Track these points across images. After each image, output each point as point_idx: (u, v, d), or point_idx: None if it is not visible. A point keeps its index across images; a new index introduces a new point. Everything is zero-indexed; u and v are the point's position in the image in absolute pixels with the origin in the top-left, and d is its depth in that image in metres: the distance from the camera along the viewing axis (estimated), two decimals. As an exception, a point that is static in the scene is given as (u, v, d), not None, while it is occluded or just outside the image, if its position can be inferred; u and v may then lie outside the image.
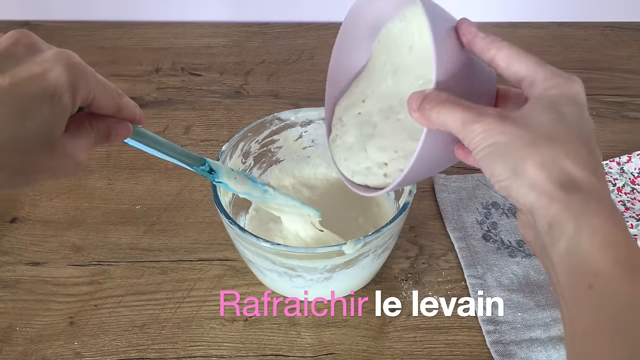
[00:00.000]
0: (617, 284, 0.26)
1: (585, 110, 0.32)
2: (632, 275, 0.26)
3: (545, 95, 0.31)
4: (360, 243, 0.42)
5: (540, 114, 0.31)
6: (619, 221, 0.28)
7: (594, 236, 0.27)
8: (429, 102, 0.33)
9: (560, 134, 0.30)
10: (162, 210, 0.59)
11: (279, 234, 0.52)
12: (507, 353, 0.47)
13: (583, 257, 0.27)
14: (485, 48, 0.34)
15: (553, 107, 0.31)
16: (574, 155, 0.29)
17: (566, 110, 0.31)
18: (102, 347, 0.48)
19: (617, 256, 0.27)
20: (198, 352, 0.48)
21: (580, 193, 0.28)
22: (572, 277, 0.28)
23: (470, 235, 0.56)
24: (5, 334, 0.49)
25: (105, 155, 0.65)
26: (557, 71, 0.32)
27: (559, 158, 0.29)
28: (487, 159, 0.31)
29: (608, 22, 0.87)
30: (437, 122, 0.32)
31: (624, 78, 0.77)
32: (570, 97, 0.31)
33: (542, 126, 0.30)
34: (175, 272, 0.54)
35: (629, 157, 0.62)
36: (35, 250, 0.56)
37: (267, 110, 0.71)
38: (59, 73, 0.28)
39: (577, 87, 0.32)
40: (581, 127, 0.31)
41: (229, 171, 0.44)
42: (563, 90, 0.31)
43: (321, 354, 0.48)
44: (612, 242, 0.27)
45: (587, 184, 0.28)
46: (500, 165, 0.30)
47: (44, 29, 0.85)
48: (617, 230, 0.27)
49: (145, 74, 0.78)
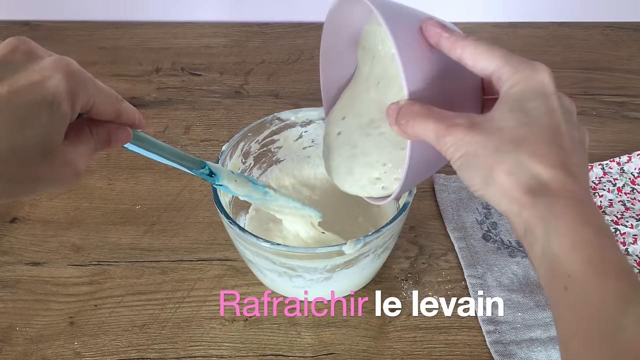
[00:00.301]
0: (589, 283, 0.26)
1: (552, 99, 0.31)
2: (603, 273, 0.26)
3: (510, 94, 0.31)
4: (360, 243, 0.42)
5: (506, 116, 0.30)
6: (589, 217, 0.28)
7: (563, 237, 0.27)
8: (402, 116, 0.33)
9: (524, 134, 0.29)
10: (162, 210, 0.59)
11: (279, 234, 0.52)
12: (507, 353, 0.47)
13: (556, 259, 0.27)
14: (451, 48, 0.33)
15: (518, 105, 0.31)
16: (540, 155, 0.29)
17: (531, 105, 0.30)
18: (102, 347, 0.48)
19: (587, 255, 0.27)
20: (198, 352, 0.48)
21: (547, 196, 0.28)
22: (549, 280, 0.28)
23: (470, 235, 0.56)
24: (5, 334, 0.49)
25: (105, 155, 0.65)
26: (522, 63, 0.32)
27: (525, 161, 0.29)
28: (461, 170, 0.31)
29: (608, 22, 0.87)
30: (413, 135, 0.33)
31: (624, 78, 0.77)
32: (535, 89, 0.31)
33: (507, 130, 0.30)
34: (175, 272, 0.54)
35: (629, 157, 0.62)
36: (35, 250, 0.56)
37: (267, 110, 0.71)
38: (58, 81, 0.28)
39: (542, 76, 0.31)
40: (548, 121, 0.30)
41: (229, 174, 0.44)
42: (528, 84, 0.31)
43: (321, 354, 0.48)
44: (581, 242, 0.27)
45: (556, 183, 0.28)
46: (473, 175, 0.31)
47: (44, 29, 0.85)
48: (586, 228, 0.27)
49: (145, 74, 0.78)
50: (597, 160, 0.62)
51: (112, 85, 0.81)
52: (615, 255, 0.27)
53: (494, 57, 0.32)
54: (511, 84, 0.31)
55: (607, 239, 0.27)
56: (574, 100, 0.34)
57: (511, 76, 0.31)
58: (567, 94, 0.33)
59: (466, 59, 0.33)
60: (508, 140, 0.29)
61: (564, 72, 0.77)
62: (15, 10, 0.86)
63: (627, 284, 0.26)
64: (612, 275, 0.26)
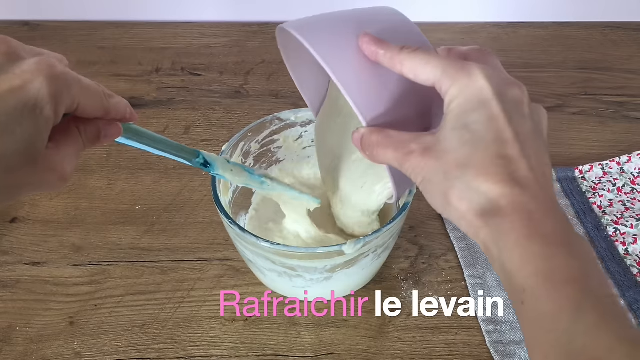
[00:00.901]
0: (541, 295, 0.27)
1: (491, 105, 0.30)
2: (552, 284, 0.26)
3: (451, 110, 0.31)
4: (360, 243, 0.42)
5: (449, 136, 0.30)
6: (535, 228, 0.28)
7: (512, 254, 0.28)
8: (365, 147, 0.33)
9: (468, 155, 0.29)
10: (162, 210, 0.59)
11: (279, 234, 0.52)
12: (507, 353, 0.47)
13: (511, 275, 0.28)
14: (390, 65, 0.33)
15: (458, 122, 0.30)
16: (485, 174, 0.29)
17: (471, 119, 0.30)
18: (102, 347, 0.48)
19: (536, 268, 0.27)
20: (198, 352, 0.48)
21: (496, 216, 0.28)
22: (510, 296, 0.29)
23: (470, 235, 0.56)
24: (5, 334, 0.49)
25: (105, 155, 0.65)
26: (458, 71, 0.31)
27: (473, 184, 0.29)
28: (424, 194, 0.32)
29: (608, 22, 0.87)
30: (380, 162, 0.33)
31: (624, 78, 0.77)
32: (473, 99, 0.30)
33: (452, 152, 0.30)
34: (175, 272, 0.54)
35: (629, 157, 0.62)
36: (35, 250, 0.56)
37: (267, 110, 0.71)
38: (40, 84, 0.27)
39: (477, 81, 0.30)
40: (489, 133, 0.29)
41: (224, 163, 0.43)
42: (465, 95, 0.30)
43: (321, 354, 0.48)
44: (529, 256, 0.27)
45: (503, 199, 0.28)
46: (433, 199, 0.31)
47: (44, 29, 0.85)
48: (532, 241, 0.27)
49: (145, 74, 0.78)
50: (597, 160, 0.62)
51: (112, 85, 0.82)
52: (564, 263, 0.27)
53: (431, 68, 0.31)
54: (450, 98, 0.31)
55: (556, 247, 0.27)
56: (574, 100, 0.34)
57: (449, 89, 0.31)
58: (567, 94, 0.33)
59: (407, 73, 0.32)
60: (454, 165, 0.29)
61: (563, 72, 0.77)
62: (15, 10, 0.86)
63: (578, 291, 0.26)
64: (562, 285, 0.26)
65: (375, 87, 0.33)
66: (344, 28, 0.34)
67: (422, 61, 0.32)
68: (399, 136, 0.32)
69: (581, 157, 0.63)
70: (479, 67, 0.31)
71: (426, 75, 0.32)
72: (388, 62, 0.33)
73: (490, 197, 0.28)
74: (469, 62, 0.31)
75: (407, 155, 0.31)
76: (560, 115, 0.69)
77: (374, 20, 0.36)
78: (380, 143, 0.32)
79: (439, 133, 0.31)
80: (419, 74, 0.32)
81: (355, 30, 0.34)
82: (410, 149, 0.31)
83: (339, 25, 0.34)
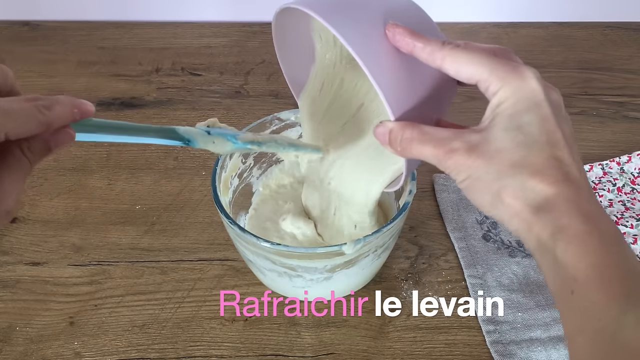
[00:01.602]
0: (593, 286, 0.28)
1: (543, 107, 0.31)
2: (607, 277, 0.28)
3: (502, 111, 0.31)
4: (360, 243, 0.42)
5: (502, 136, 0.31)
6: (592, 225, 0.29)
7: (569, 246, 0.29)
8: (394, 141, 0.33)
9: (523, 156, 0.30)
10: (162, 210, 0.59)
11: (276, 234, 0.52)
12: (507, 353, 0.47)
13: (564, 267, 0.29)
14: (429, 60, 0.32)
15: (511, 123, 0.30)
16: (541, 174, 0.30)
17: (524, 120, 0.30)
18: (102, 347, 0.48)
19: (592, 261, 0.28)
20: (198, 352, 0.48)
21: (552, 212, 0.29)
22: (557, 285, 0.30)
23: (470, 235, 0.56)
24: (5, 334, 0.49)
25: (105, 156, 0.65)
26: (508, 72, 0.31)
27: (528, 183, 0.30)
28: (466, 191, 0.32)
29: (608, 22, 0.87)
30: (413, 157, 0.33)
31: (624, 78, 0.77)
32: (525, 100, 0.31)
33: (505, 152, 0.30)
34: (175, 272, 0.54)
35: (629, 157, 0.62)
36: (35, 250, 0.56)
37: (267, 110, 0.70)
38: None
39: (530, 84, 0.31)
40: (543, 135, 0.30)
41: (204, 135, 0.39)
42: (517, 96, 0.31)
43: (321, 354, 0.48)
44: (586, 250, 0.29)
45: (559, 198, 0.29)
46: (480, 197, 0.31)
47: (44, 29, 0.85)
48: (590, 236, 0.29)
49: (145, 74, 0.78)
50: (597, 160, 0.62)
51: (112, 85, 0.82)
52: (617, 260, 0.29)
53: (478, 67, 0.31)
54: (500, 99, 0.31)
55: (611, 245, 0.29)
56: (574, 100, 0.34)
57: (499, 89, 0.31)
58: (567, 94, 0.33)
59: (447, 69, 0.32)
60: (508, 165, 0.30)
61: (564, 72, 0.77)
62: (15, 10, 0.86)
63: (629, 287, 0.28)
64: (615, 279, 0.28)
65: (404, 79, 0.32)
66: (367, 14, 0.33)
67: (467, 59, 0.31)
68: (436, 132, 0.32)
69: (581, 157, 0.63)
70: (530, 69, 0.31)
71: (470, 74, 0.31)
72: (427, 56, 0.32)
73: (545, 196, 0.29)
74: (517, 63, 0.31)
75: (450, 153, 0.31)
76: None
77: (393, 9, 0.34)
78: (415, 139, 0.32)
79: (487, 132, 0.31)
80: (463, 70, 0.31)
81: (378, 18, 0.33)
82: (452, 146, 0.31)
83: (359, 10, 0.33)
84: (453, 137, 0.31)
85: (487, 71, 0.31)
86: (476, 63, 0.31)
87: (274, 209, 0.54)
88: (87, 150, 0.65)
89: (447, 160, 0.31)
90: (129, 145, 0.66)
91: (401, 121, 0.33)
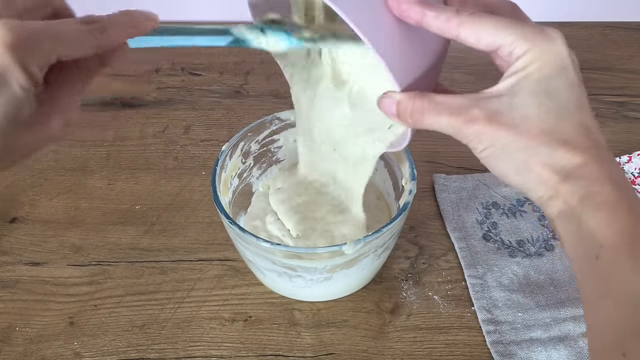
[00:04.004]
0: (621, 252, 0.28)
1: (571, 71, 0.30)
2: (635, 243, 0.28)
3: (528, 74, 0.30)
4: (360, 243, 0.42)
5: (529, 102, 0.30)
6: (621, 195, 0.29)
7: (598, 213, 0.29)
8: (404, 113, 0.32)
9: (552, 123, 0.29)
10: (162, 210, 0.59)
11: (264, 234, 0.51)
12: (508, 353, 0.47)
13: (590, 233, 0.29)
14: (443, 29, 0.30)
15: (539, 88, 0.30)
16: (571, 142, 0.29)
17: (552, 85, 0.30)
18: (102, 347, 0.48)
19: (621, 228, 0.28)
20: (198, 352, 0.48)
21: (582, 179, 0.29)
22: (580, 251, 0.30)
23: (470, 235, 0.56)
24: (5, 334, 0.49)
25: (105, 155, 0.65)
26: (536, 34, 0.29)
27: (558, 151, 0.29)
28: (487, 160, 0.31)
29: (608, 22, 0.87)
30: (427, 128, 0.32)
31: (624, 78, 0.77)
32: (554, 64, 0.30)
33: (534, 119, 0.29)
34: (175, 272, 0.53)
35: (629, 157, 0.62)
36: (35, 250, 0.55)
37: (267, 110, 0.70)
38: None
39: (559, 47, 0.30)
40: (572, 101, 0.30)
41: (258, 34, 0.37)
42: (545, 60, 0.29)
43: (321, 354, 0.48)
44: (615, 217, 0.29)
45: (589, 166, 0.29)
46: (504, 166, 0.31)
47: (43, 29, 0.85)
48: (619, 205, 0.29)
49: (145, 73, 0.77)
50: (597, 160, 0.62)
51: (112, 85, 0.81)
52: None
53: (502, 31, 0.29)
54: (526, 62, 0.30)
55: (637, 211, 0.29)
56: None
57: (526, 52, 0.29)
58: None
59: (466, 36, 0.30)
60: (537, 133, 0.29)
61: (564, 72, 0.77)
62: (15, 10, 0.86)
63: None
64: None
65: (407, 48, 0.31)
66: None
67: (490, 24, 0.29)
68: (450, 100, 0.31)
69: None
70: (556, 30, 0.30)
71: (492, 39, 0.29)
72: (440, 24, 0.30)
73: (576, 163, 0.29)
74: (542, 26, 0.30)
75: (470, 122, 0.30)
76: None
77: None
78: (428, 109, 0.31)
79: (511, 98, 0.30)
80: (484, 36, 0.29)
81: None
82: (472, 114, 0.30)
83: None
84: (470, 104, 0.30)
85: (513, 35, 0.29)
86: (500, 27, 0.29)
87: (264, 207, 0.54)
88: (87, 150, 0.65)
89: (466, 130, 0.30)
90: (129, 145, 0.66)
91: (409, 92, 0.31)
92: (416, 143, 0.60)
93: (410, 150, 0.49)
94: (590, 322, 0.30)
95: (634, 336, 0.27)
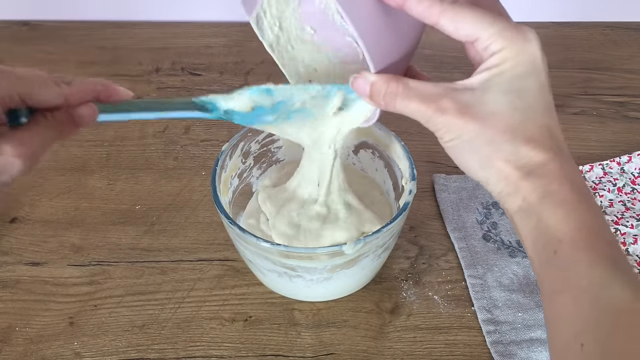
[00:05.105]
0: (579, 247, 0.29)
1: (542, 74, 0.31)
2: (593, 240, 0.29)
3: (501, 72, 0.30)
4: (360, 243, 0.42)
5: (498, 99, 0.30)
6: (579, 195, 0.30)
7: (557, 210, 0.30)
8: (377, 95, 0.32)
9: (519, 121, 0.30)
10: (162, 210, 0.59)
11: (260, 233, 0.51)
12: (508, 353, 0.47)
13: (549, 229, 0.30)
14: (424, 14, 0.30)
15: (510, 86, 0.30)
16: (535, 141, 0.30)
17: (523, 84, 0.30)
18: (102, 347, 0.48)
19: (579, 224, 0.29)
20: (198, 352, 0.48)
21: (542, 177, 0.30)
22: (539, 246, 0.30)
23: (470, 235, 0.56)
24: (5, 334, 0.49)
25: (105, 155, 0.65)
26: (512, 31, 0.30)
27: (521, 148, 0.30)
28: (452, 151, 0.32)
29: (608, 22, 0.87)
30: (398, 112, 0.32)
31: (624, 78, 0.77)
32: (526, 64, 0.30)
33: (501, 116, 0.30)
34: (175, 272, 0.53)
35: (629, 157, 0.62)
36: (35, 250, 0.56)
37: (267, 110, 0.70)
38: None
39: (533, 47, 0.30)
40: (540, 102, 0.31)
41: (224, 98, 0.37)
42: (519, 59, 0.30)
43: (321, 354, 0.48)
44: (574, 214, 0.29)
45: (550, 165, 0.30)
46: (468, 159, 0.32)
47: (44, 29, 0.85)
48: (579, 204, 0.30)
49: (145, 73, 0.77)
50: (597, 160, 0.62)
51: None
52: (604, 227, 0.30)
53: (480, 24, 0.30)
54: (501, 59, 0.30)
55: (596, 213, 0.30)
56: (574, 100, 0.34)
57: (502, 49, 0.30)
58: (567, 94, 0.34)
59: (445, 24, 0.30)
60: (503, 130, 0.30)
61: (564, 72, 0.77)
62: (15, 10, 0.86)
63: (616, 251, 0.29)
64: (601, 242, 0.29)
65: (386, 31, 0.31)
66: None
67: (469, 16, 0.30)
68: (424, 88, 0.31)
69: (581, 157, 0.63)
70: (531, 30, 0.30)
71: (471, 31, 0.30)
72: (422, 10, 0.30)
73: (538, 162, 0.30)
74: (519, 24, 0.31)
75: (439, 112, 0.30)
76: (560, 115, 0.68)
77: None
78: (401, 93, 0.31)
79: (482, 93, 0.30)
80: (463, 27, 0.30)
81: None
82: (442, 105, 0.30)
83: None
84: (442, 93, 0.30)
85: (491, 30, 0.30)
86: (479, 21, 0.30)
87: (257, 206, 0.54)
88: (87, 150, 0.65)
89: (435, 119, 0.31)
90: (129, 145, 0.66)
91: (384, 74, 0.32)
92: (416, 143, 0.60)
93: (410, 150, 0.49)
94: (549, 316, 0.30)
95: (590, 327, 0.28)
